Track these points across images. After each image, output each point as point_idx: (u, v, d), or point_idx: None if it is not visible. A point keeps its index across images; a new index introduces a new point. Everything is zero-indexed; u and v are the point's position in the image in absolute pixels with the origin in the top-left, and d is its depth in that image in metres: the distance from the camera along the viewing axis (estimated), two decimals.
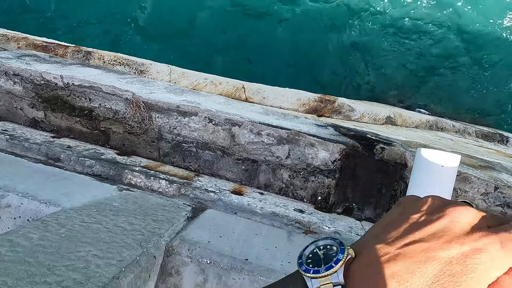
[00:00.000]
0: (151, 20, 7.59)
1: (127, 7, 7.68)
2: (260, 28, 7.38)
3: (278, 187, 2.44)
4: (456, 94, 7.09)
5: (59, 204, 1.71)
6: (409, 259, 0.37)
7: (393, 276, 0.36)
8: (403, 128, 5.09)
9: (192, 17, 7.51)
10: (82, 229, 1.49)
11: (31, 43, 4.27)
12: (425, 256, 0.36)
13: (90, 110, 2.62)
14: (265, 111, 3.06)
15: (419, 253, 0.37)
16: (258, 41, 7.38)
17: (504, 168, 2.87)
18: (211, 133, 2.47)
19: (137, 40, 7.50)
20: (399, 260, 0.37)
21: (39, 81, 2.65)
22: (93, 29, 7.64)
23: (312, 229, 2.00)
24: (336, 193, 2.35)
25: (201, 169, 2.51)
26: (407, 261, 0.37)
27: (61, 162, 2.24)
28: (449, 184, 1.76)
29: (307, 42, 7.33)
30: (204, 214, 1.97)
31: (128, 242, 1.47)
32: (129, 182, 2.16)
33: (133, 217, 1.72)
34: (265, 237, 1.84)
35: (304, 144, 2.38)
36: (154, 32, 7.50)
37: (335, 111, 4.20)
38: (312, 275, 0.41)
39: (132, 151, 2.59)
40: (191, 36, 7.46)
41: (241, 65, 7.33)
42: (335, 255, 0.41)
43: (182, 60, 6.90)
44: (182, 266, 1.56)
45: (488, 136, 6.05)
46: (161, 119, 2.51)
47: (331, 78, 7.23)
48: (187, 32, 7.47)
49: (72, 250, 1.33)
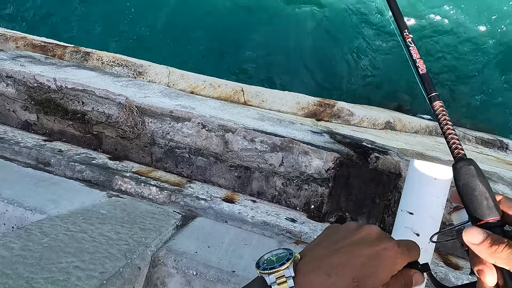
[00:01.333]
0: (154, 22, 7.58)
1: (126, 8, 7.67)
2: (261, 31, 7.36)
3: (271, 195, 2.41)
4: (457, 100, 7.06)
5: (45, 212, 1.68)
6: (337, 258, 0.52)
7: (326, 269, 0.51)
8: (402, 133, 5.06)
9: (193, 18, 7.50)
10: (66, 239, 1.46)
11: (30, 43, 4.25)
12: (348, 255, 0.52)
13: (83, 114, 2.59)
14: (260, 117, 3.04)
15: (344, 254, 0.52)
16: (258, 43, 7.36)
17: (500, 178, 2.83)
18: (204, 139, 2.44)
19: (138, 40, 7.49)
20: (330, 259, 0.52)
21: (32, 84, 2.63)
22: (94, 29, 7.63)
23: (303, 239, 1.97)
24: (329, 202, 2.32)
25: (194, 175, 2.48)
26: (336, 259, 0.52)
27: (51, 166, 2.22)
28: (442, 196, 1.73)
29: (308, 45, 7.32)
30: (194, 223, 1.94)
31: (113, 252, 1.44)
32: (119, 188, 2.13)
33: (120, 225, 1.69)
34: (254, 247, 1.81)
35: (297, 152, 2.35)
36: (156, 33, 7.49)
37: (334, 115, 4.18)
38: (269, 271, 0.53)
39: (124, 155, 2.57)
40: (191, 37, 7.44)
41: (240, 67, 7.31)
42: (285, 257, 0.54)
43: (181, 61, 6.88)
44: (167, 277, 1.53)
45: (488, 143, 6.02)
46: (154, 124, 2.49)
47: (330, 82, 7.20)
48: (188, 33, 7.45)
49: (54, 261, 1.30)
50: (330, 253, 0.53)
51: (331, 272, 0.50)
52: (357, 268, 0.51)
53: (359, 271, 0.50)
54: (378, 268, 0.51)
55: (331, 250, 0.54)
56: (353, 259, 0.51)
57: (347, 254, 0.52)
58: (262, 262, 0.56)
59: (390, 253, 0.52)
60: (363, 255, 0.52)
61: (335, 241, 0.56)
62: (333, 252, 0.53)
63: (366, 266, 0.51)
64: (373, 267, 0.51)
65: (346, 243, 0.54)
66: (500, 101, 7.07)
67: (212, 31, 7.45)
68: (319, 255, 0.54)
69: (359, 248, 0.53)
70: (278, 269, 0.53)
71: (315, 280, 0.51)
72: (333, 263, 0.52)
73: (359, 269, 0.51)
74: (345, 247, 0.54)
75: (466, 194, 0.55)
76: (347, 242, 0.54)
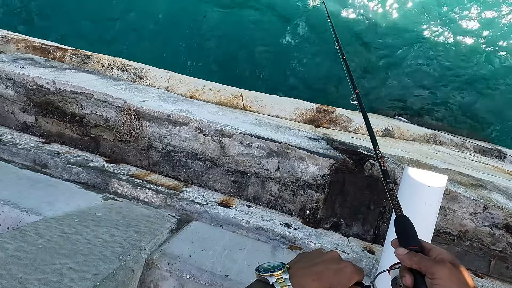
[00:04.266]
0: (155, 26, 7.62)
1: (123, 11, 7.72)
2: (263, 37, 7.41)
3: (267, 200, 2.42)
4: (455, 108, 7.10)
5: (40, 213, 1.69)
6: (317, 269, 0.72)
7: (310, 276, 0.70)
8: (400, 140, 5.08)
9: (193, 23, 7.54)
10: (61, 240, 1.47)
11: (30, 45, 4.27)
12: (324, 268, 0.72)
13: (81, 116, 2.61)
14: (258, 122, 3.06)
15: (321, 267, 0.72)
16: (260, 49, 7.41)
17: (495, 187, 2.85)
18: (201, 143, 2.46)
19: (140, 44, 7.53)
20: (312, 270, 0.72)
21: (32, 86, 2.65)
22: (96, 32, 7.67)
23: (298, 244, 1.98)
24: (325, 208, 2.33)
25: (190, 179, 2.49)
26: (316, 270, 0.72)
27: (48, 168, 2.23)
28: (435, 204, 1.74)
29: (306, 52, 7.36)
30: (189, 226, 1.95)
31: (107, 254, 1.45)
32: (116, 191, 2.14)
33: (115, 228, 1.70)
34: (248, 252, 1.82)
35: (294, 157, 2.37)
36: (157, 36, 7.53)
37: (332, 121, 4.19)
38: (270, 274, 0.70)
39: (121, 159, 2.58)
40: (192, 42, 7.49)
41: (241, 72, 7.34)
42: (279, 266, 0.72)
43: (180, 65, 6.92)
44: (161, 280, 1.54)
45: (485, 151, 6.04)
46: (152, 127, 2.50)
47: (329, 88, 7.24)
48: (189, 38, 7.49)
49: (48, 262, 1.31)
50: (311, 266, 0.73)
51: (314, 278, 0.70)
52: (331, 277, 0.71)
53: (332, 279, 0.71)
54: (342, 279, 0.72)
55: (311, 264, 0.73)
56: (327, 271, 0.72)
57: (322, 267, 0.72)
58: (261, 268, 0.73)
59: (349, 270, 0.73)
60: (333, 268, 0.72)
61: (311, 259, 0.76)
62: (313, 265, 0.73)
63: (335, 277, 0.71)
64: (340, 277, 0.72)
65: (320, 260, 0.74)
66: (499, 110, 7.10)
67: (213, 39, 7.50)
68: (303, 267, 0.73)
69: (330, 264, 0.73)
70: (277, 272, 0.70)
71: (305, 283, 0.69)
72: (315, 272, 0.71)
73: (332, 277, 0.71)
74: (320, 263, 0.73)
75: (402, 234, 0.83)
76: (321, 260, 0.75)
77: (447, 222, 2.24)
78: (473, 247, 2.23)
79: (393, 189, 0.93)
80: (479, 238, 2.22)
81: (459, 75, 7.21)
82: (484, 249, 2.22)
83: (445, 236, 2.25)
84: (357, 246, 2.12)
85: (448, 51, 7.23)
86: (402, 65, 7.28)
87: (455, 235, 2.24)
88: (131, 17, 7.66)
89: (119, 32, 7.65)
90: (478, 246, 2.22)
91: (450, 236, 2.25)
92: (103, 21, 7.67)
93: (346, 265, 0.73)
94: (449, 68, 7.24)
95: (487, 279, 2.14)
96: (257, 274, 0.72)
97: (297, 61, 7.35)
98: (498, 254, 2.21)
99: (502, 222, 2.20)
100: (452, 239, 2.25)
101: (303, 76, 7.31)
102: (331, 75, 7.15)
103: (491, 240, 2.20)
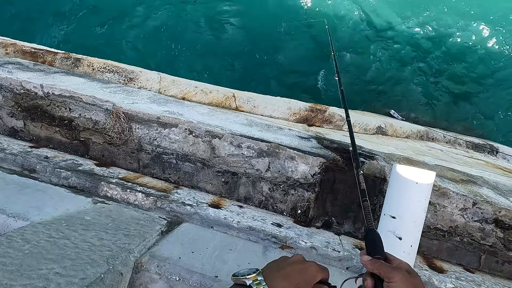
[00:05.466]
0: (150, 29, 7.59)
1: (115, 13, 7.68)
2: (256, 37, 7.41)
3: (258, 200, 2.42)
4: (449, 104, 7.15)
5: (28, 218, 1.67)
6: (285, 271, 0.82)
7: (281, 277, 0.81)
8: (393, 138, 5.10)
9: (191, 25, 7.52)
10: (48, 245, 1.46)
11: (20, 50, 4.23)
12: (291, 270, 0.83)
13: (70, 120, 2.59)
14: (249, 122, 3.05)
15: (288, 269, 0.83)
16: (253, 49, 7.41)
17: (485, 182, 2.87)
18: (191, 145, 2.45)
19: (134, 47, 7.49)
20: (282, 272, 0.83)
21: (19, 90, 2.63)
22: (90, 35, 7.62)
23: (289, 244, 1.98)
24: (316, 207, 2.34)
25: (181, 181, 2.48)
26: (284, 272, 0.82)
27: (36, 173, 2.21)
28: (423, 200, 1.75)
29: (300, 51, 7.37)
30: (179, 228, 1.94)
31: (95, 258, 1.44)
32: (105, 194, 2.13)
33: (104, 231, 1.69)
34: (239, 252, 1.81)
35: (284, 157, 2.37)
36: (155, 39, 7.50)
37: (326, 120, 4.20)
38: (247, 276, 0.78)
39: (111, 162, 2.57)
40: (186, 43, 7.46)
41: (232, 72, 7.34)
42: (254, 270, 0.82)
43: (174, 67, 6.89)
44: (150, 283, 1.53)
45: (478, 147, 6.09)
46: (141, 130, 2.49)
47: (322, 87, 7.25)
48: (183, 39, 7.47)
49: (34, 267, 1.29)
50: (280, 269, 0.84)
51: (284, 279, 0.81)
52: (297, 276, 0.82)
53: (299, 278, 0.82)
54: (308, 276, 0.83)
55: (279, 267, 0.84)
56: (294, 271, 0.83)
57: (290, 269, 0.83)
58: (237, 273, 0.82)
59: (313, 268, 0.85)
60: (299, 268, 0.84)
61: (279, 264, 0.86)
62: (282, 268, 0.84)
63: (301, 275, 0.82)
64: (305, 276, 0.83)
65: (287, 264, 0.85)
66: (491, 106, 7.17)
67: (207, 39, 7.49)
68: (273, 270, 0.83)
69: (295, 265, 0.85)
70: (252, 275, 0.79)
71: (276, 284, 0.79)
72: (283, 274, 0.82)
73: (298, 276, 0.82)
74: (287, 266, 0.84)
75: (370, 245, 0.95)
76: (287, 263, 0.86)
77: (437, 218, 2.26)
78: (464, 242, 2.24)
79: (368, 206, 1.08)
80: (469, 233, 2.23)
81: (452, 72, 7.26)
82: (474, 244, 2.23)
83: (435, 232, 2.26)
84: (348, 244, 2.12)
85: (440, 48, 7.28)
86: (396, 62, 7.32)
87: (445, 231, 2.26)
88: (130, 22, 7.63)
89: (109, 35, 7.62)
90: (468, 241, 2.24)
91: (440, 232, 2.26)
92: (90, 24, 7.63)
93: (311, 264, 0.85)
94: (441, 65, 7.29)
95: (478, 274, 2.15)
96: (233, 279, 0.80)
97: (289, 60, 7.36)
98: (488, 249, 2.23)
99: (491, 217, 2.21)
100: (442, 235, 2.26)
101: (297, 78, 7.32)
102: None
103: (481, 235, 2.22)
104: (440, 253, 2.27)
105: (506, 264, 2.22)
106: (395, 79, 7.32)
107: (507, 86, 7.15)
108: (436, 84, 7.27)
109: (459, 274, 2.05)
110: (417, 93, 7.24)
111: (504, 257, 2.22)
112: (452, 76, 7.26)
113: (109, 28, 7.64)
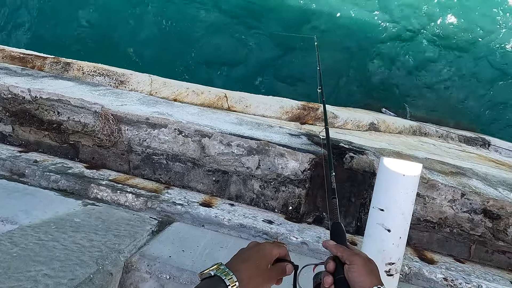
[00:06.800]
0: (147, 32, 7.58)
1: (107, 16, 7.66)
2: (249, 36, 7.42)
3: (250, 198, 2.42)
4: (440, 98, 7.21)
5: (16, 222, 1.67)
6: (244, 255, 0.90)
7: (240, 260, 0.88)
8: (386, 134, 5.13)
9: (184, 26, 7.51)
10: (37, 248, 1.46)
11: (8, 55, 4.20)
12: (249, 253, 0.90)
13: (59, 124, 2.58)
14: (239, 121, 3.06)
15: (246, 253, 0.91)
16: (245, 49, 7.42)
17: (475, 174, 2.90)
18: (181, 144, 2.45)
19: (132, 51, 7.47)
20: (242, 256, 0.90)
21: (6, 95, 2.61)
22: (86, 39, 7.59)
23: (280, 240, 1.99)
24: (307, 202, 2.35)
25: (172, 181, 2.49)
26: (244, 256, 0.90)
27: (25, 177, 2.20)
28: (411, 192, 1.77)
29: (292, 49, 7.40)
30: (170, 228, 1.95)
31: (84, 259, 1.44)
32: (95, 196, 2.13)
33: (94, 233, 1.69)
34: (230, 250, 1.82)
35: (274, 154, 2.38)
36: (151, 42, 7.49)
37: (318, 118, 4.21)
38: (210, 268, 0.82)
39: (102, 164, 2.56)
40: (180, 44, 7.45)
41: (224, 73, 7.35)
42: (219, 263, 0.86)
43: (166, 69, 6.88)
44: (141, 282, 1.54)
45: (470, 141, 6.15)
46: (131, 131, 2.49)
47: (313, 86, 7.27)
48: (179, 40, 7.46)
49: (22, 270, 1.29)
50: (239, 256, 0.91)
51: (243, 261, 0.87)
52: (254, 256, 0.90)
53: (256, 257, 0.89)
54: (264, 254, 0.90)
55: (238, 255, 0.91)
56: (251, 253, 0.91)
57: (247, 253, 0.91)
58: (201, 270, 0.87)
59: (268, 246, 0.92)
60: (255, 249, 0.92)
61: (237, 253, 0.92)
62: (240, 255, 0.91)
63: (258, 254, 0.90)
64: (261, 254, 0.90)
65: (246, 249, 0.93)
66: (484, 99, 7.23)
67: (199, 40, 7.48)
68: (233, 259, 0.89)
69: (252, 248, 0.93)
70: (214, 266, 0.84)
71: (236, 266, 0.85)
72: (242, 258, 0.89)
73: (255, 256, 0.90)
74: (245, 251, 0.92)
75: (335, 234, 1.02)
76: (244, 250, 0.93)
77: (426, 210, 2.28)
78: (453, 233, 2.27)
79: (336, 203, 1.15)
80: (458, 224, 2.26)
81: (444, 67, 7.32)
82: (464, 235, 2.26)
83: (425, 224, 2.29)
84: None
85: (434, 43, 7.33)
86: (387, 58, 7.36)
87: (435, 222, 2.28)
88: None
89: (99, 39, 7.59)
90: (458, 232, 2.26)
91: (430, 224, 2.28)
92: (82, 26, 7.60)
93: (265, 243, 0.94)
94: (433, 60, 7.35)
95: (468, 263, 2.17)
96: (199, 275, 0.84)
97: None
98: (478, 239, 2.25)
99: (480, 207, 2.24)
100: (432, 227, 2.28)
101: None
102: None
103: (470, 226, 2.24)
104: (430, 244, 2.29)
105: (496, 253, 2.25)
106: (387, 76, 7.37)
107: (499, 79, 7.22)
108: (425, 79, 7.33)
109: (449, 264, 2.08)
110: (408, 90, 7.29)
111: (494, 247, 2.24)
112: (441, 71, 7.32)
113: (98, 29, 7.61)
